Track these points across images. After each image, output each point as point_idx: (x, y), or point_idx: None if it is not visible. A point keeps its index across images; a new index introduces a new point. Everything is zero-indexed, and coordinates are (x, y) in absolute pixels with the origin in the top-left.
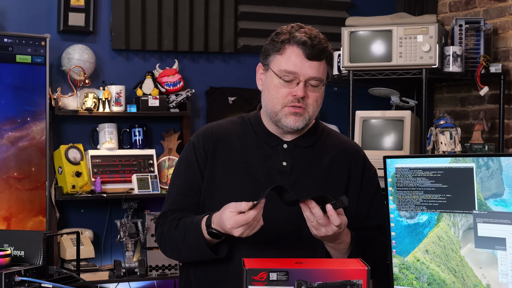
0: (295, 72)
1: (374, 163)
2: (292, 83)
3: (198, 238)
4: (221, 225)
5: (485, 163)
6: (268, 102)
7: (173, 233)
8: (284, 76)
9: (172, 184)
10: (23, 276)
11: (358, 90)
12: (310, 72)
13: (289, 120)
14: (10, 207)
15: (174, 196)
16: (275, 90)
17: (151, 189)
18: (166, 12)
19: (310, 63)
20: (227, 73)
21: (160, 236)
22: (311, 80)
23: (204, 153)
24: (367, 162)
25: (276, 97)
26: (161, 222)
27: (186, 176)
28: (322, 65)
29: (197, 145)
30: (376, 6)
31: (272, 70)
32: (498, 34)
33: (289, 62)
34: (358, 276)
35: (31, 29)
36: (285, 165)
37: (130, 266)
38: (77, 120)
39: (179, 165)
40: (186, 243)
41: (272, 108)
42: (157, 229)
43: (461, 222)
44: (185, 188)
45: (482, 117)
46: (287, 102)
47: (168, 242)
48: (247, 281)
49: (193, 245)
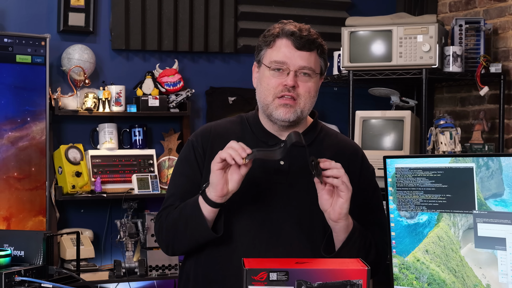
0: (285, 62)
1: (374, 163)
2: (283, 74)
3: (195, 208)
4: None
5: (485, 163)
6: (260, 95)
7: (172, 214)
8: (274, 66)
9: (172, 182)
10: (23, 276)
11: (358, 90)
12: (300, 61)
13: (279, 112)
14: (10, 207)
15: (173, 193)
16: (266, 82)
17: (151, 189)
18: (166, 12)
19: (299, 53)
20: (227, 73)
21: (158, 227)
22: (302, 70)
23: (202, 152)
24: (365, 161)
25: (267, 88)
26: (160, 215)
27: (186, 174)
28: (313, 56)
29: (195, 144)
30: (376, 6)
31: (263, 64)
32: (498, 34)
33: (279, 53)
34: (358, 276)
35: (31, 29)
36: (283, 164)
37: (130, 266)
38: (77, 120)
39: (178, 164)
40: (183, 216)
41: (264, 100)
42: (156, 223)
43: (461, 222)
44: (184, 185)
45: (482, 117)
46: (277, 93)
47: (165, 225)
48: (247, 281)
49: (190, 216)
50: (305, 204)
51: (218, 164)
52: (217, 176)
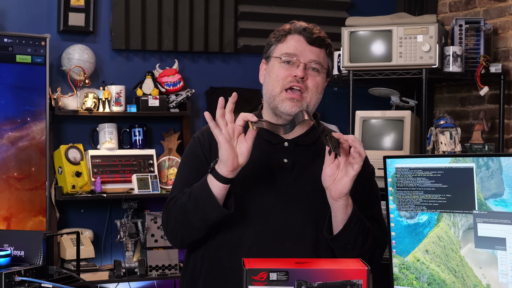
0: (296, 54)
1: (374, 163)
2: (293, 66)
3: (204, 188)
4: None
5: (485, 163)
6: (268, 87)
7: (179, 200)
8: (285, 58)
9: (179, 174)
10: (23, 276)
11: (358, 90)
12: (311, 55)
13: (286, 105)
14: (10, 207)
15: (182, 183)
16: (276, 73)
17: (151, 189)
18: (166, 12)
19: (310, 47)
20: (227, 73)
21: (167, 216)
22: (312, 64)
23: (208, 147)
24: (365, 160)
25: (276, 79)
26: (168, 204)
27: (194, 166)
28: (322, 53)
29: (202, 140)
30: (376, 6)
31: (273, 57)
32: (498, 34)
33: (290, 46)
34: (358, 276)
35: (31, 29)
36: (286, 162)
37: (130, 266)
38: (77, 120)
39: (185, 159)
40: (192, 198)
41: (272, 91)
42: (164, 213)
43: (461, 222)
44: (193, 177)
45: (482, 117)
46: (286, 84)
47: (174, 212)
48: (247, 281)
49: (199, 197)
50: (309, 202)
51: (224, 138)
52: (226, 149)
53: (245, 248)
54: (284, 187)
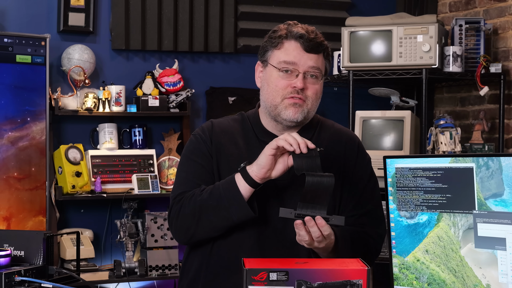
0: (294, 63)
1: (374, 163)
2: (292, 75)
3: (231, 187)
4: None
5: (485, 163)
6: (267, 96)
7: (196, 197)
8: (283, 68)
9: (186, 170)
10: (23, 276)
11: (358, 90)
12: (309, 62)
13: (289, 111)
14: (10, 207)
15: (194, 178)
16: (275, 83)
17: (151, 189)
18: (166, 12)
19: (308, 55)
20: (227, 73)
21: (178, 210)
22: (310, 71)
23: (211, 144)
24: (361, 149)
25: (275, 89)
26: (181, 198)
27: (201, 163)
28: (320, 58)
29: (203, 137)
30: (376, 6)
31: (271, 65)
32: (498, 34)
33: (287, 55)
34: (358, 276)
35: (31, 29)
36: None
37: (130, 266)
38: (77, 120)
39: (190, 155)
40: (214, 196)
41: (272, 101)
42: (175, 206)
43: (461, 222)
44: (203, 172)
45: (482, 117)
46: (286, 94)
47: (189, 208)
48: (247, 281)
49: (224, 196)
50: None
51: (272, 150)
52: (268, 160)
53: (245, 248)
54: (283, 188)
